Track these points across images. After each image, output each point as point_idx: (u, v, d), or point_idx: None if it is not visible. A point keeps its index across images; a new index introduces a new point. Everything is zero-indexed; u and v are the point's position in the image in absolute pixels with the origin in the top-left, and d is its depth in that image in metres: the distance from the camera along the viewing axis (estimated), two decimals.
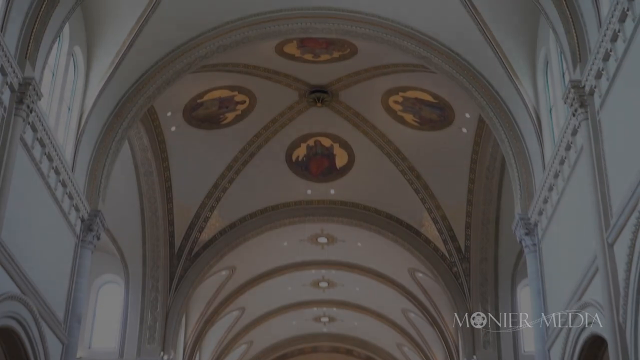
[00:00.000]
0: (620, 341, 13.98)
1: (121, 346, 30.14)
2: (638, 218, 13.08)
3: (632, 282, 13.45)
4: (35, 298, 17.79)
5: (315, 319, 41.33)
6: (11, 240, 16.37)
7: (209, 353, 38.29)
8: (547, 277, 19.69)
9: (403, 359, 41.99)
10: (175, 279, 31.01)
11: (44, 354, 18.35)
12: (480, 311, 30.00)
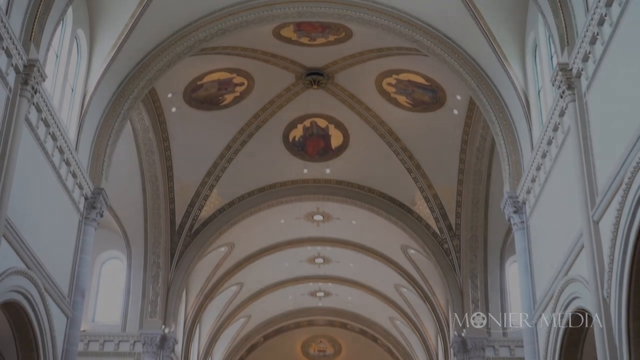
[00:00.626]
0: (605, 315, 14.04)
1: (124, 320, 30.22)
2: (623, 197, 13.11)
3: (617, 258, 13.50)
4: (40, 273, 17.80)
5: (311, 294, 41.44)
6: (17, 217, 16.38)
7: (208, 326, 38.41)
8: (534, 254, 19.73)
9: (395, 332, 42.13)
10: (175, 255, 31.05)
11: (49, 327, 18.40)
12: (469, 285, 30.16)
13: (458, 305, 30.43)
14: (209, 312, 37.09)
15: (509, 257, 30.03)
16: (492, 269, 30.38)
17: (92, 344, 29.29)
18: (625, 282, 13.22)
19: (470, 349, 29.23)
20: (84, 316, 24.87)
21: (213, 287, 35.50)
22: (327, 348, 46.79)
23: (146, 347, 29.40)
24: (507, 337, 29.52)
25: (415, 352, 41.03)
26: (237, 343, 42.81)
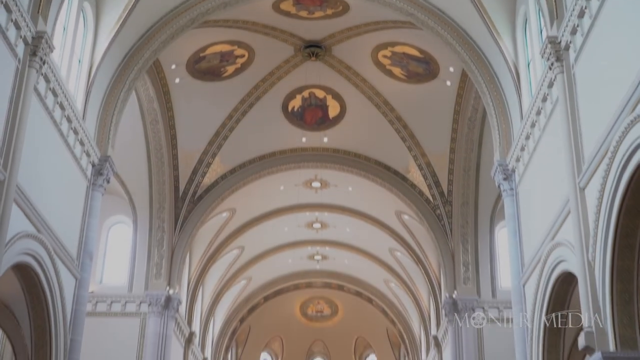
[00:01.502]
0: (590, 277, 14.11)
1: (130, 281, 30.36)
2: (608, 164, 13.12)
3: (601, 223, 13.54)
4: (49, 236, 17.83)
5: (309, 257, 41.58)
6: (27, 183, 16.39)
7: (211, 288, 38.56)
8: (523, 219, 19.78)
9: (390, 294, 42.34)
10: (179, 220, 31.12)
11: (59, 288, 18.47)
12: (460, 250, 30.27)
13: (449, 268, 30.58)
14: (211, 274, 37.24)
15: (498, 222, 30.12)
16: (482, 234, 30.49)
17: (99, 305, 29.43)
18: (610, 245, 13.28)
19: (461, 309, 29.42)
20: (92, 278, 24.92)
21: (215, 250, 35.62)
22: (324, 309, 47.09)
23: (151, 307, 29.56)
24: (496, 299, 29.71)
25: (408, 312, 41.28)
26: (238, 304, 43.03)
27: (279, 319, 46.41)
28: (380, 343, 46.57)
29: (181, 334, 32.88)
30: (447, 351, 30.67)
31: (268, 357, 47.90)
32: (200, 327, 37.89)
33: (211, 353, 40.95)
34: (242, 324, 44.78)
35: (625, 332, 13.31)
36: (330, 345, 47.78)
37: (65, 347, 19.01)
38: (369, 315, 44.92)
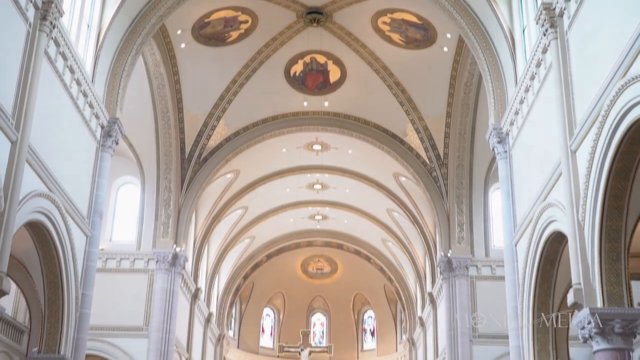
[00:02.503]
0: (579, 236, 14.15)
1: (138, 239, 30.51)
2: (599, 128, 13.10)
3: (592, 184, 13.55)
4: (61, 196, 17.87)
5: (310, 217, 41.67)
6: (39, 145, 16.40)
7: (216, 246, 38.73)
8: (516, 181, 19.78)
9: (387, 253, 42.52)
10: (185, 181, 31.16)
11: (70, 245, 18.55)
12: (455, 210, 30.34)
13: (444, 228, 30.68)
14: (216, 233, 37.37)
15: (492, 184, 30.17)
16: (477, 195, 30.54)
17: (109, 261, 29.59)
18: (599, 206, 13.31)
19: (455, 267, 29.56)
20: (102, 236, 25.02)
21: (220, 210, 35.71)
22: (324, 267, 47.29)
23: (159, 264, 29.70)
24: (489, 257, 29.86)
25: (405, 270, 41.48)
26: (242, 261, 43.22)
27: (281, 276, 46.65)
28: (377, 299, 46.86)
29: (187, 289, 33.09)
30: (442, 307, 30.88)
31: (270, 312, 48.24)
32: (205, 283, 38.12)
33: (216, 308, 41.25)
34: (245, 281, 45.02)
35: (613, 289, 13.41)
36: (329, 301, 48.08)
37: (76, 301, 19.15)
38: (367, 273, 45.15)
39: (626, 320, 13.21)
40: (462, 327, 28.61)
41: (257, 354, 46.12)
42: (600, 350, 13.40)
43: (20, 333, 28.00)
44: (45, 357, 18.27)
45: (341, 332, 47.38)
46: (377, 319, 47.20)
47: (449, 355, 28.74)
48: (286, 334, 46.22)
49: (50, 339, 18.45)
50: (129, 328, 28.72)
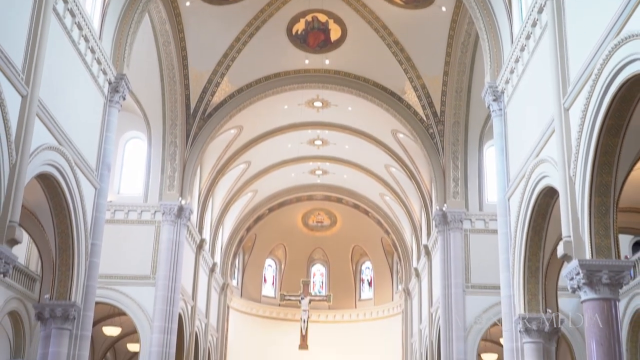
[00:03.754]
0: (570, 191, 14.17)
1: (145, 192, 30.56)
2: (592, 86, 13.04)
3: (583, 141, 13.53)
4: (70, 149, 17.86)
5: (311, 172, 41.67)
6: (48, 99, 16.34)
7: (220, 199, 38.82)
8: (510, 138, 19.74)
9: (385, 207, 42.64)
10: (190, 136, 31.10)
11: (80, 196, 18.60)
12: (451, 166, 30.34)
13: (440, 183, 30.71)
14: (220, 186, 37.44)
15: (487, 141, 30.13)
16: (472, 152, 30.50)
17: (117, 213, 29.68)
18: (590, 162, 13.31)
19: (450, 221, 29.65)
20: (110, 188, 25.05)
21: (224, 164, 35.71)
22: (324, 220, 47.43)
23: (165, 216, 29.81)
24: (482, 212, 29.93)
25: (401, 223, 41.65)
26: (245, 214, 43.35)
27: (283, 229, 46.82)
28: (375, 251, 47.11)
29: (193, 240, 33.26)
30: (437, 259, 31.08)
31: (272, 263, 48.52)
32: (210, 235, 38.30)
33: (220, 258, 41.51)
34: (248, 233, 45.21)
35: (601, 241, 13.48)
36: (329, 252, 48.32)
37: (86, 251, 19.28)
38: (365, 226, 45.31)
39: (613, 272, 13.31)
40: (456, 278, 28.83)
41: (260, 302, 46.53)
42: (588, 300, 13.52)
43: (32, 281, 28.24)
44: (57, 303, 18.46)
45: (340, 282, 47.73)
46: (374, 269, 47.53)
47: (443, 304, 29.00)
48: (287, 284, 46.57)
49: (61, 287, 18.62)
50: (137, 277, 28.95)
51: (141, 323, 28.62)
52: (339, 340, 45.13)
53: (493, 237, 22.22)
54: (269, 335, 44.99)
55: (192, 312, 33.36)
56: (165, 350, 28.44)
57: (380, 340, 43.77)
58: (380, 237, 45.57)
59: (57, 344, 18.38)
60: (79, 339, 18.91)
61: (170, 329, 28.77)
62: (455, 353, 28.07)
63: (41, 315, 18.59)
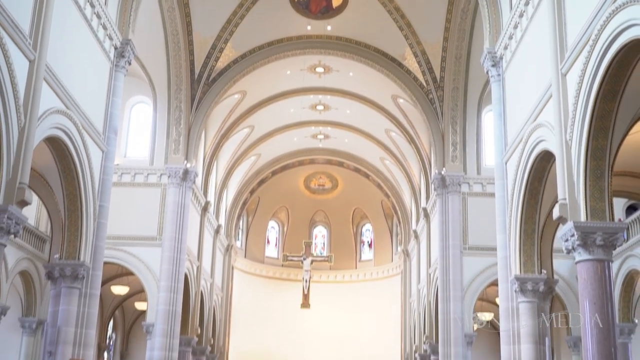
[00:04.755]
0: (566, 155, 14.14)
1: (151, 156, 30.53)
2: (589, 51, 12.96)
3: (580, 106, 13.48)
4: (77, 113, 17.81)
5: (313, 136, 41.57)
6: (56, 64, 16.25)
7: (224, 162, 38.80)
8: (508, 103, 19.65)
9: (385, 170, 42.61)
10: (195, 101, 30.98)
11: (87, 159, 18.58)
12: (450, 131, 30.25)
13: (439, 148, 30.65)
14: (224, 150, 37.39)
15: (485, 106, 29.99)
16: (470, 117, 30.40)
17: (124, 176, 29.71)
18: (586, 127, 13.27)
19: (448, 184, 29.66)
20: (117, 152, 24.98)
21: (228, 129, 35.63)
22: (325, 183, 47.43)
23: (171, 179, 29.83)
24: (480, 175, 29.94)
25: (401, 187, 41.68)
26: (249, 177, 43.36)
27: (285, 191, 46.85)
28: (375, 213, 47.20)
29: (198, 203, 33.33)
30: (435, 221, 31.14)
31: (275, 224, 48.66)
32: (214, 197, 38.35)
33: (225, 220, 41.62)
34: (252, 195, 45.26)
35: (596, 204, 13.50)
36: (330, 215, 48.42)
37: (94, 212, 19.32)
38: (365, 189, 45.33)
39: (607, 234, 13.35)
40: (454, 240, 28.93)
41: (263, 263, 46.76)
42: (582, 260, 13.58)
43: (42, 241, 28.38)
44: (66, 263, 18.56)
45: (341, 243, 47.90)
46: (375, 231, 47.66)
47: (441, 265, 29.14)
48: (290, 245, 46.73)
49: (70, 247, 18.70)
50: (144, 238, 29.09)
51: (148, 282, 28.83)
52: (340, 299, 45.47)
53: (490, 200, 22.22)
54: (272, 295, 45.32)
55: (198, 272, 33.55)
56: (172, 309, 28.67)
57: (380, 300, 44.08)
58: (380, 200, 45.63)
59: (67, 302, 18.52)
60: (88, 297, 19.04)
61: (176, 289, 28.97)
62: (453, 312, 28.28)
63: (51, 274, 18.71)
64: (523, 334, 17.64)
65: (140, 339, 34.78)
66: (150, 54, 28.79)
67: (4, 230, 13.95)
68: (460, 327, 28.04)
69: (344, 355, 43.99)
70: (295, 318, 43.88)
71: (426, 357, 33.24)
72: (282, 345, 44.15)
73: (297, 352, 44.13)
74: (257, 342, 43.61)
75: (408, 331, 39.98)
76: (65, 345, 18.26)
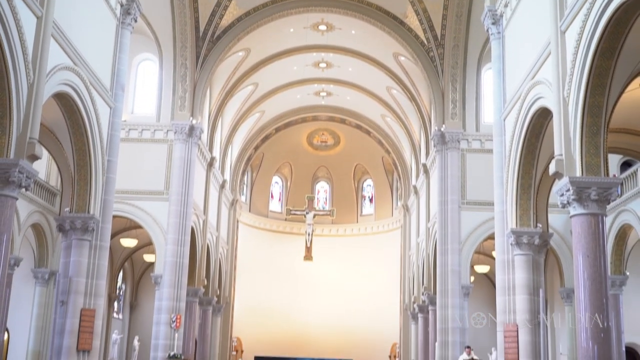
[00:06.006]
0: (563, 112, 14.08)
1: (158, 112, 30.48)
2: (588, 9, 12.81)
3: (578, 63, 13.37)
4: (85, 69, 17.71)
5: (316, 94, 41.38)
6: (63, 21, 16.11)
7: (229, 119, 38.70)
8: (507, 60, 19.47)
9: (386, 127, 42.50)
10: (200, 58, 30.79)
11: (95, 115, 18.54)
12: (449, 88, 30.09)
13: (439, 105, 30.54)
14: (229, 107, 37.28)
15: (485, 64, 29.78)
16: (470, 74, 30.22)
17: (132, 132, 29.67)
18: (584, 84, 13.18)
19: (447, 141, 29.63)
20: (124, 108, 24.91)
21: (232, 86, 35.45)
22: (328, 139, 47.36)
23: (177, 135, 29.81)
24: (479, 132, 29.89)
25: (401, 143, 41.61)
26: (253, 134, 43.28)
27: (289, 148, 46.81)
28: (376, 169, 47.21)
29: (203, 158, 33.34)
30: (434, 177, 31.17)
31: (279, 180, 48.72)
32: (220, 153, 38.36)
33: (230, 175, 41.68)
34: (256, 151, 45.22)
35: (591, 160, 13.47)
36: (332, 170, 48.44)
37: (103, 167, 19.34)
38: (367, 145, 45.27)
39: (602, 189, 13.36)
40: (452, 195, 28.99)
41: (267, 217, 46.95)
42: (576, 215, 13.61)
43: (52, 195, 28.48)
44: (77, 216, 18.65)
45: (342, 198, 48.01)
46: (375, 187, 47.73)
47: (440, 219, 29.25)
48: (293, 200, 46.88)
49: (80, 200, 18.78)
50: (152, 192, 29.19)
51: (156, 235, 29.01)
52: (341, 252, 45.78)
53: (488, 157, 22.21)
54: (276, 248, 45.62)
55: (204, 225, 33.73)
56: (179, 261, 28.91)
57: (380, 253, 44.38)
58: (381, 156, 45.61)
59: (77, 254, 18.67)
60: (98, 249, 19.18)
61: (183, 241, 29.17)
62: (450, 265, 28.49)
63: (62, 227, 18.82)
64: (518, 285, 17.78)
65: (149, 289, 35.16)
66: (156, 11, 28.50)
67: (16, 184, 14.01)
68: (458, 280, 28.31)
69: (345, 305, 44.48)
70: (298, 270, 44.25)
71: (424, 307, 33.60)
72: (285, 295, 44.62)
73: (299, 302, 44.64)
74: (261, 293, 44.07)
75: (407, 283, 40.33)
76: (76, 295, 18.47)
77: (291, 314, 44.35)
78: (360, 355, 42.63)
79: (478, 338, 29.93)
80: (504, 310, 18.17)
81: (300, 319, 44.32)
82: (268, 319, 43.84)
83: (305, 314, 44.46)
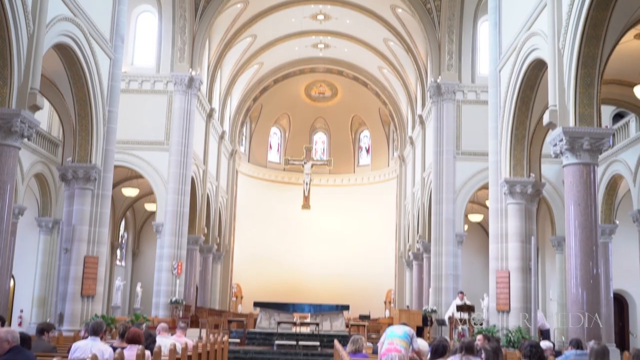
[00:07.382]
0: (558, 63, 13.97)
1: (157, 63, 30.22)
2: None
3: (574, 14, 13.22)
4: (85, 20, 17.48)
5: (313, 46, 40.98)
6: None
7: (228, 71, 38.39)
8: (503, 12, 19.25)
9: (382, 79, 42.23)
10: (199, 9, 30.38)
11: (96, 66, 18.39)
12: (446, 40, 29.79)
13: (435, 56, 30.28)
14: (228, 59, 36.93)
15: (481, 16, 29.40)
16: (466, 26, 29.90)
17: (132, 83, 29.45)
18: (579, 35, 13.06)
19: (443, 92, 29.45)
20: (124, 60, 24.68)
21: (231, 38, 35.06)
22: (325, 91, 47.07)
23: (177, 86, 29.60)
24: (474, 83, 29.69)
25: (398, 95, 41.40)
26: (251, 85, 43.01)
27: (287, 99, 46.56)
28: (373, 121, 47.06)
29: (203, 109, 33.16)
30: (430, 127, 31.09)
31: (277, 131, 48.57)
32: (219, 104, 38.15)
33: (229, 126, 41.55)
34: (255, 103, 44.98)
35: (585, 110, 13.43)
36: (330, 122, 48.28)
37: (104, 117, 19.26)
38: (364, 97, 45.02)
39: (594, 139, 13.36)
40: (448, 145, 28.96)
41: (266, 167, 46.97)
42: (569, 164, 13.63)
43: (55, 146, 28.41)
44: (79, 165, 18.65)
45: (340, 149, 47.97)
46: (372, 138, 47.65)
47: (435, 169, 29.28)
48: (291, 150, 46.79)
49: (82, 150, 18.76)
50: (152, 142, 29.13)
51: (157, 185, 29.05)
52: (339, 202, 45.93)
53: (483, 108, 22.11)
54: (275, 197, 45.74)
55: (204, 175, 33.75)
56: (180, 210, 29.00)
57: (376, 202, 44.54)
58: (378, 108, 45.41)
59: (80, 202, 18.74)
60: (101, 197, 19.23)
61: (184, 191, 29.22)
62: (445, 213, 28.62)
63: (65, 176, 18.83)
64: (510, 233, 17.91)
65: (151, 237, 35.33)
66: None
67: (18, 134, 13.96)
68: (452, 228, 28.48)
69: (342, 253, 44.82)
70: (296, 219, 44.44)
71: (419, 255, 33.87)
72: (283, 243, 44.92)
73: (297, 250, 44.96)
74: (260, 241, 44.35)
75: (402, 231, 40.58)
76: (80, 243, 18.59)
77: (289, 262, 44.72)
78: (356, 301, 43.02)
79: (471, 284, 30.27)
80: (496, 257, 18.32)
81: (298, 266, 44.71)
82: (267, 266, 44.20)
83: (303, 262, 44.83)
